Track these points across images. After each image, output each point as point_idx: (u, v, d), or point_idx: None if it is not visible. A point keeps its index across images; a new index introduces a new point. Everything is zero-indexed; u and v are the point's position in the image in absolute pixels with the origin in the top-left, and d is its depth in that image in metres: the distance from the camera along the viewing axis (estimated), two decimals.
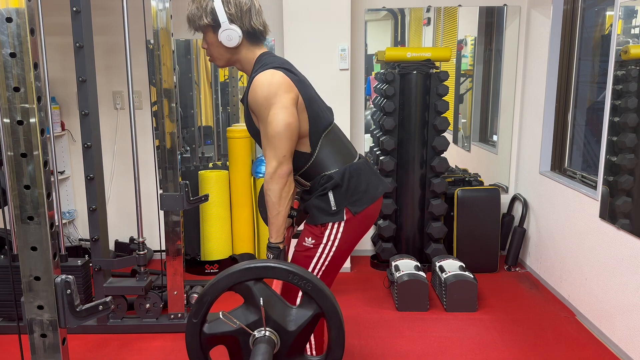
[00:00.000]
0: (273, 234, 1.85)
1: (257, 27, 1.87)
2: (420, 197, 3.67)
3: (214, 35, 1.86)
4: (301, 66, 3.51)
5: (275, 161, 1.77)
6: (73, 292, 1.27)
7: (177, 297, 2.84)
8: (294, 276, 1.30)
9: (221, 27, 1.82)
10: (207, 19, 1.83)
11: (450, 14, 3.94)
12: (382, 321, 3.00)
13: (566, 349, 2.70)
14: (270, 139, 1.76)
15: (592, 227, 2.85)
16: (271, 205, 1.81)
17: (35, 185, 1.21)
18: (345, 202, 1.86)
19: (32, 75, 1.16)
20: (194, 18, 1.86)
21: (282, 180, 1.78)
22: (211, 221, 3.62)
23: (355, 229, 1.92)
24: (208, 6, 1.83)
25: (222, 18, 1.82)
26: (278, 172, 1.77)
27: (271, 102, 1.76)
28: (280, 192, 1.79)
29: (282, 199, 1.80)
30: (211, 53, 1.92)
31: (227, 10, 1.82)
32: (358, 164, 1.93)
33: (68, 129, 3.91)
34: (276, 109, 1.75)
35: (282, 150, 1.76)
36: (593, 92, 3.24)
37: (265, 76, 1.79)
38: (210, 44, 1.90)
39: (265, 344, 1.27)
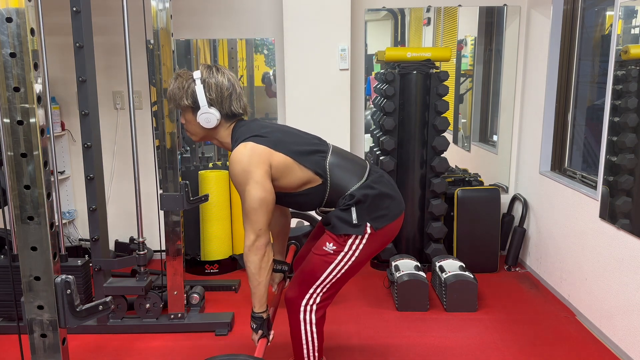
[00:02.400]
0: (256, 304, 1.92)
1: (236, 111, 1.94)
2: (420, 197, 3.67)
3: (192, 115, 1.93)
4: (301, 66, 3.53)
5: (253, 234, 1.83)
6: (73, 292, 1.27)
7: (177, 297, 2.84)
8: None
9: (200, 110, 1.88)
10: (187, 101, 1.90)
11: (450, 14, 3.94)
12: (382, 321, 3.00)
13: (566, 349, 2.70)
14: (247, 213, 1.84)
15: (592, 227, 2.85)
16: (252, 276, 1.87)
17: (35, 185, 1.21)
18: (367, 218, 1.89)
19: (32, 75, 1.16)
20: (174, 97, 1.93)
21: (260, 252, 1.85)
22: (211, 221, 3.62)
23: (375, 243, 1.95)
24: (189, 88, 1.89)
25: (201, 102, 1.88)
26: (256, 245, 1.84)
27: (245, 179, 1.83)
28: (260, 263, 1.85)
29: (262, 270, 1.86)
30: (188, 129, 1.99)
31: (207, 95, 1.88)
32: (376, 178, 1.96)
33: (68, 129, 3.91)
34: (249, 186, 1.82)
35: (258, 223, 1.83)
36: (593, 92, 3.24)
37: (237, 153, 1.86)
38: (188, 121, 1.96)
39: None
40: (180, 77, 1.92)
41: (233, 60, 3.87)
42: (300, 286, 1.99)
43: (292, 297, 2.01)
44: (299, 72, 3.55)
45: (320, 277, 1.94)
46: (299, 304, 1.99)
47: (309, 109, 3.62)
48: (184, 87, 1.89)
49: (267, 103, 3.92)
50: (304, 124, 3.46)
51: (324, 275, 1.93)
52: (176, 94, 1.91)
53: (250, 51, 3.84)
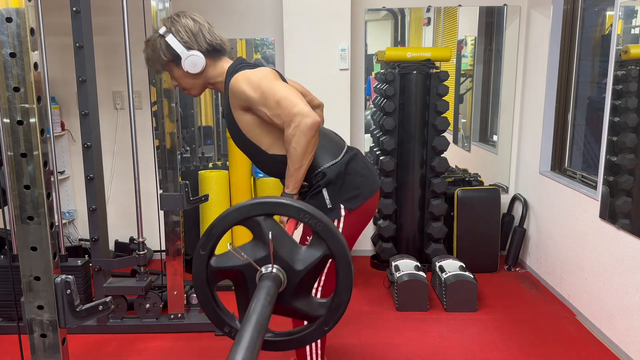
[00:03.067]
0: (291, 185, 1.82)
1: (214, 43, 1.90)
2: (420, 197, 3.67)
3: (178, 68, 1.89)
4: (301, 66, 3.53)
5: (298, 116, 1.70)
6: (73, 292, 1.27)
7: (177, 297, 2.84)
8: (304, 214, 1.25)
9: (182, 58, 1.85)
10: (166, 56, 1.87)
11: (450, 14, 3.94)
12: (382, 321, 3.00)
13: (566, 349, 2.70)
14: (282, 101, 1.73)
15: (592, 227, 2.85)
16: (295, 158, 1.76)
17: (35, 185, 1.21)
18: (340, 199, 1.86)
19: (32, 75, 1.16)
20: (154, 60, 1.90)
21: (310, 133, 1.72)
22: (211, 221, 3.61)
23: (354, 224, 1.92)
24: (162, 44, 1.86)
25: (179, 49, 1.85)
26: (306, 123, 1.70)
27: (264, 82, 1.77)
28: (307, 145, 1.74)
29: (307, 153, 1.76)
30: (183, 85, 1.95)
31: (180, 40, 1.85)
32: (350, 157, 1.92)
33: (68, 129, 3.91)
34: (273, 82, 1.77)
35: (299, 104, 1.72)
36: (593, 92, 3.24)
37: (246, 72, 1.81)
38: (179, 77, 1.92)
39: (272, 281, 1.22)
40: (148, 41, 1.92)
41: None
42: None
43: None
44: (299, 72, 3.55)
45: None
46: None
47: None
48: (157, 46, 1.87)
49: None
50: None
51: None
52: (152, 56, 1.89)
53: (250, 51, 3.84)
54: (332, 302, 1.28)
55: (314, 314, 1.30)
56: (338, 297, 1.27)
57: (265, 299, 1.12)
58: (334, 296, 1.28)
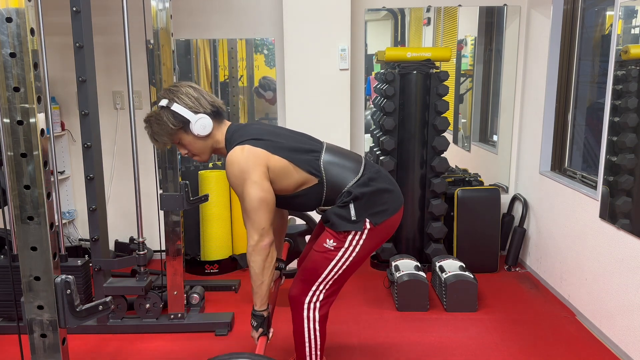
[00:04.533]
0: (257, 303, 1.92)
1: (216, 104, 1.94)
2: (420, 197, 3.67)
3: (186, 134, 1.92)
4: (301, 66, 3.53)
5: (256, 234, 1.83)
6: (73, 292, 1.27)
7: (177, 297, 2.84)
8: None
9: (191, 122, 1.88)
10: (175, 124, 1.89)
11: (450, 14, 3.94)
12: (382, 321, 3.00)
13: (566, 349, 2.70)
14: (248, 214, 1.84)
15: (592, 227, 2.85)
16: (255, 276, 1.88)
17: (35, 185, 1.21)
18: (365, 214, 1.90)
19: (32, 75, 1.16)
20: (161, 133, 1.91)
21: (264, 252, 1.85)
22: (211, 221, 3.62)
23: (375, 238, 1.96)
24: (168, 114, 1.88)
25: (186, 114, 1.88)
26: (260, 245, 1.84)
27: (243, 179, 1.82)
28: (263, 263, 1.86)
29: (265, 270, 1.87)
30: (193, 151, 1.97)
31: (185, 105, 1.88)
32: (374, 172, 1.96)
33: (68, 129, 3.91)
34: (248, 186, 1.82)
35: (261, 223, 1.83)
36: (593, 92, 3.24)
37: (234, 154, 1.85)
38: (188, 144, 1.95)
39: None
40: (150, 117, 1.93)
41: (233, 60, 3.87)
42: (303, 284, 2.00)
43: (295, 295, 2.02)
44: (299, 72, 3.55)
45: (323, 274, 1.95)
46: (302, 302, 2.00)
47: (309, 109, 3.62)
48: (162, 119, 1.89)
49: (266, 104, 3.92)
50: (304, 124, 3.46)
51: (326, 272, 1.94)
52: (160, 130, 1.90)
53: (250, 51, 3.84)
54: None
55: None
56: None
57: None
58: None
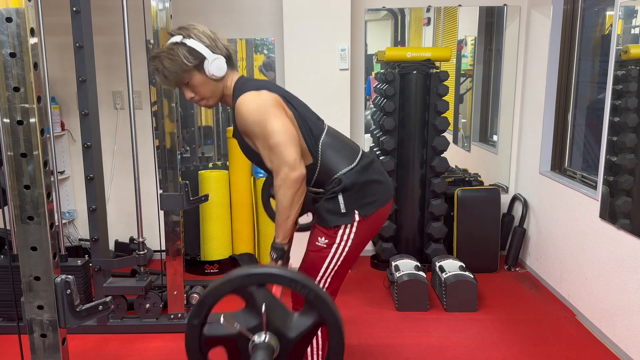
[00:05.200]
0: (280, 235, 1.83)
1: (230, 49, 1.87)
2: (420, 197, 3.67)
3: (200, 74, 1.82)
4: (301, 66, 3.53)
5: (285, 167, 1.73)
6: (73, 292, 1.27)
7: (177, 297, 2.84)
8: (296, 284, 1.29)
9: (207, 60, 1.79)
10: (190, 61, 1.78)
11: (450, 14, 3.94)
12: (382, 321, 3.00)
13: (566, 349, 2.70)
14: (274, 149, 1.74)
15: (592, 227, 2.85)
16: (282, 210, 1.78)
17: (35, 185, 1.21)
18: (354, 205, 1.87)
19: (32, 75, 1.16)
20: (174, 70, 1.79)
21: (295, 186, 1.74)
22: (211, 221, 3.62)
23: (366, 231, 1.94)
24: (183, 50, 1.78)
25: (204, 51, 1.78)
26: (291, 177, 1.73)
27: (263, 117, 1.75)
28: (293, 197, 1.75)
29: (294, 204, 1.77)
30: (202, 94, 1.87)
31: (204, 43, 1.79)
32: (366, 163, 1.93)
33: (68, 129, 3.91)
34: (271, 121, 1.75)
35: (290, 155, 1.73)
36: (593, 92, 3.24)
37: (250, 96, 1.78)
38: (198, 85, 1.84)
39: (264, 350, 1.26)
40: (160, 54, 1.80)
41: None
42: None
43: None
44: (299, 72, 3.55)
45: (319, 272, 1.93)
46: None
47: None
48: (176, 54, 1.78)
49: None
50: None
51: (322, 270, 1.93)
52: (173, 66, 1.78)
53: (250, 51, 3.84)
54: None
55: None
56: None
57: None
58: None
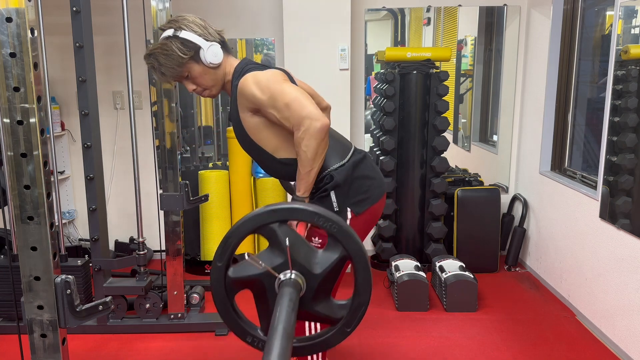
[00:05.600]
0: (302, 189, 1.80)
1: (222, 34, 1.87)
2: (420, 197, 3.67)
3: (197, 64, 1.82)
4: (301, 66, 3.53)
5: (307, 119, 1.67)
6: (73, 292, 1.27)
7: (177, 297, 2.84)
8: (319, 218, 1.24)
9: (203, 49, 1.80)
10: (185, 53, 1.79)
11: (450, 14, 3.94)
12: (382, 321, 3.00)
13: (566, 349, 2.70)
14: (291, 104, 1.70)
15: (592, 227, 2.85)
16: (306, 161, 1.73)
17: (35, 185, 1.21)
18: (347, 203, 1.86)
19: (32, 75, 1.16)
20: (169, 65, 1.80)
21: (319, 136, 1.69)
22: (211, 221, 3.61)
23: (360, 228, 1.91)
24: (176, 43, 1.78)
25: (198, 41, 1.79)
26: (315, 126, 1.67)
27: (273, 83, 1.74)
28: (317, 148, 1.71)
29: (317, 156, 1.73)
30: (204, 84, 1.87)
31: (197, 32, 1.80)
32: (358, 159, 1.91)
33: (68, 129, 3.91)
34: (282, 84, 1.74)
35: (308, 107, 1.68)
36: (593, 92, 3.24)
37: (254, 73, 1.77)
38: (198, 76, 1.84)
39: (291, 287, 1.22)
40: (154, 51, 1.80)
41: None
42: None
43: None
44: (299, 72, 3.52)
45: None
46: None
47: None
48: (170, 48, 1.78)
49: None
50: None
51: None
52: (168, 61, 1.78)
53: (250, 51, 3.84)
54: (353, 303, 1.28)
55: (335, 317, 1.30)
56: (358, 297, 1.28)
57: (289, 306, 1.12)
58: (354, 297, 1.28)
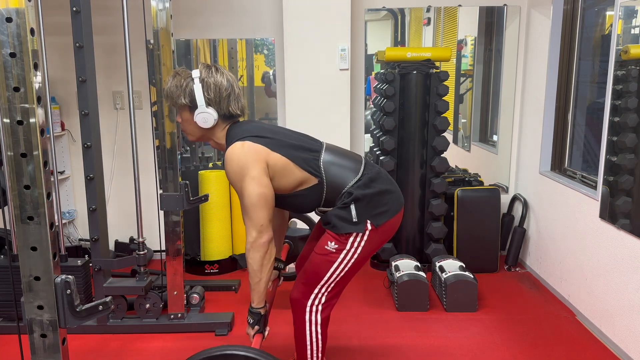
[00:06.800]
0: (255, 300, 1.90)
1: (234, 112, 1.93)
2: (420, 197, 3.67)
3: (189, 114, 1.92)
4: (301, 66, 3.53)
5: (254, 231, 1.82)
6: (73, 292, 1.27)
7: (177, 297, 2.84)
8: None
9: (197, 110, 1.88)
10: (185, 100, 1.89)
11: (450, 14, 3.94)
12: (382, 321, 3.00)
13: (566, 349, 2.70)
14: (247, 210, 1.82)
15: (592, 227, 2.85)
16: (253, 273, 1.86)
17: (35, 185, 1.21)
18: (367, 215, 1.89)
19: (32, 75, 1.16)
20: (172, 95, 1.92)
21: (262, 249, 1.84)
22: (211, 221, 3.62)
23: (377, 240, 1.95)
24: (187, 87, 1.88)
25: (199, 101, 1.87)
26: (258, 242, 1.82)
27: (242, 175, 1.81)
28: (262, 260, 1.84)
29: (263, 267, 1.85)
30: (184, 128, 1.98)
31: (205, 95, 1.87)
32: (375, 173, 1.95)
33: (68, 129, 3.91)
34: (247, 182, 1.81)
35: (259, 219, 1.82)
36: (593, 92, 3.24)
37: (234, 150, 1.84)
38: (185, 120, 1.95)
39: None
40: (178, 75, 1.91)
41: (233, 60, 3.87)
42: (305, 287, 1.98)
43: (297, 298, 2.00)
44: (299, 72, 3.55)
45: (324, 276, 1.94)
46: (304, 305, 1.98)
47: (309, 109, 3.62)
48: (182, 86, 1.88)
49: (267, 103, 3.93)
50: (304, 124, 3.46)
51: (327, 274, 1.93)
52: (174, 92, 1.90)
53: (250, 51, 3.84)
54: None
55: None
56: None
57: None
58: None
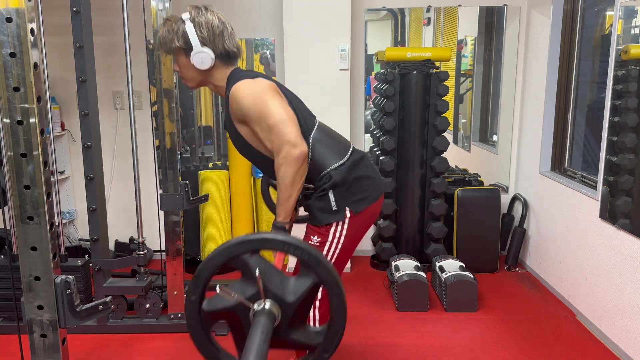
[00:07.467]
0: (281, 214, 1.83)
1: (230, 49, 1.89)
2: (420, 197, 3.67)
3: (185, 58, 1.88)
4: (301, 66, 3.53)
5: (287, 145, 1.72)
6: (73, 292, 1.27)
7: (177, 297, 2.84)
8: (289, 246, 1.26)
9: (193, 50, 1.84)
10: (179, 42, 1.85)
11: (450, 14, 3.94)
12: (382, 321, 3.00)
13: (566, 349, 2.70)
14: (273, 128, 1.74)
15: (592, 227, 2.85)
16: (284, 188, 1.77)
17: (35, 185, 1.21)
18: (345, 202, 1.87)
19: (32, 75, 1.16)
20: (165, 41, 1.88)
21: (296, 164, 1.73)
22: (211, 221, 3.61)
23: (358, 227, 1.93)
24: (180, 29, 1.84)
25: (194, 41, 1.83)
26: (292, 155, 1.72)
27: (260, 99, 1.76)
28: (295, 175, 1.75)
29: (295, 183, 1.77)
30: (183, 75, 1.93)
31: (199, 34, 1.84)
32: (357, 159, 1.92)
33: (68, 129, 3.91)
34: (268, 103, 1.76)
35: (291, 134, 1.73)
36: (593, 92, 3.24)
37: (245, 83, 1.80)
38: (182, 66, 1.91)
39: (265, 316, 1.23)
40: (168, 20, 1.88)
41: None
42: None
43: None
44: (299, 72, 3.55)
45: None
46: None
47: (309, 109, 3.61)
48: (174, 29, 1.84)
49: None
50: None
51: None
52: (166, 37, 1.86)
53: (250, 51, 3.84)
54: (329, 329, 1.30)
55: (312, 343, 1.31)
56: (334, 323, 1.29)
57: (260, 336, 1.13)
58: (330, 323, 1.29)
